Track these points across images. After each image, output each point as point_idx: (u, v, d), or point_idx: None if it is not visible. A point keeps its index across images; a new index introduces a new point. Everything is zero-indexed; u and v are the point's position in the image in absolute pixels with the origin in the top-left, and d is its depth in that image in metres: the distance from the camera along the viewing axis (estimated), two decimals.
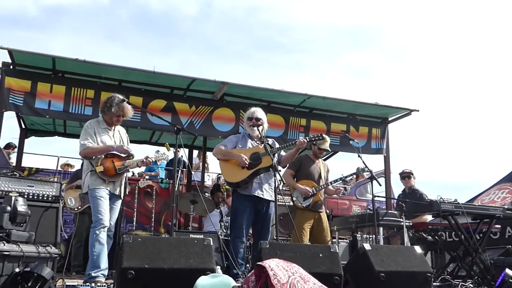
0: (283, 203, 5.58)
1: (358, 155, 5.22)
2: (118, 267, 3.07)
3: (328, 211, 5.87)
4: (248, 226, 4.62)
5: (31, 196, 4.38)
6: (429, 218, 6.49)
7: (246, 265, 4.79)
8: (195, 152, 9.47)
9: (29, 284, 3.33)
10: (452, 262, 5.99)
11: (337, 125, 7.26)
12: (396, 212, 6.03)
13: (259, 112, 4.82)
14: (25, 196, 4.23)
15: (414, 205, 6.36)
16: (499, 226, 6.20)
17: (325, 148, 5.40)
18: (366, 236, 6.57)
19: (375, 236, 5.40)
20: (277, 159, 4.77)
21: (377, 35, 30.58)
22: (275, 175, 4.31)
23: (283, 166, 5.14)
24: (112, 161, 4.19)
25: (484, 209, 5.69)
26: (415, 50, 31.28)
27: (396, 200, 7.19)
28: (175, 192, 4.13)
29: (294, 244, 4.26)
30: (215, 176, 9.73)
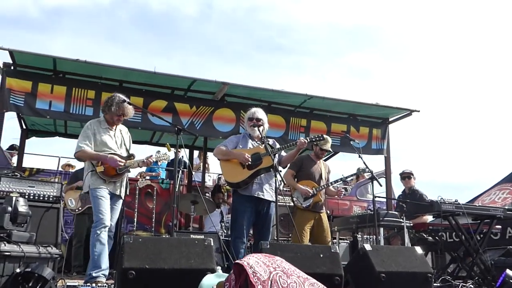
0: (284, 203, 5.59)
1: (359, 156, 5.22)
2: (119, 268, 3.07)
3: (328, 211, 5.87)
4: (249, 226, 4.62)
5: (32, 197, 4.39)
6: (430, 218, 6.49)
7: None
8: (196, 152, 9.48)
9: (30, 284, 3.34)
10: (452, 263, 5.99)
11: (338, 126, 7.27)
12: (396, 213, 6.03)
13: (259, 112, 4.82)
14: (26, 196, 4.23)
15: (415, 205, 6.36)
16: (500, 226, 6.20)
17: (327, 149, 5.41)
18: (366, 236, 6.56)
19: (375, 237, 5.40)
20: (278, 160, 4.77)
21: (377, 35, 30.56)
22: (276, 176, 4.32)
23: (284, 167, 5.14)
24: None
25: (485, 210, 5.68)
26: (415, 50, 31.27)
27: (396, 200, 7.19)
28: (176, 193, 4.14)
29: (295, 245, 4.26)
30: (216, 176, 9.73)
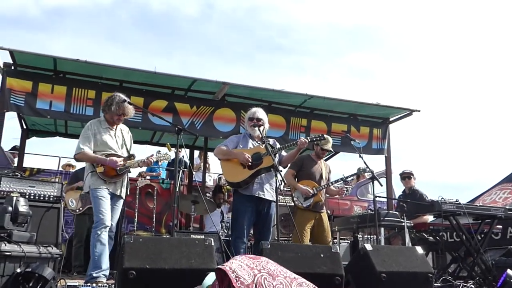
0: (284, 203, 5.58)
1: (359, 156, 5.22)
2: (119, 268, 3.07)
3: (329, 211, 5.87)
4: (249, 226, 4.62)
5: (32, 197, 4.39)
6: (430, 218, 6.49)
7: None
8: (196, 152, 9.48)
9: (30, 284, 3.34)
10: (453, 263, 5.98)
11: (338, 125, 7.27)
12: (397, 213, 6.02)
13: (260, 112, 4.82)
14: (26, 196, 4.24)
15: (415, 205, 6.36)
16: (501, 226, 6.20)
17: (328, 149, 5.40)
18: (367, 236, 6.56)
19: (376, 237, 5.39)
20: (278, 159, 4.76)
21: (377, 35, 30.56)
22: (277, 175, 4.31)
23: (284, 166, 5.13)
24: None
25: (486, 210, 5.67)
26: (416, 50, 31.28)
27: (397, 200, 7.19)
28: (176, 193, 4.13)
29: (295, 245, 4.25)
30: (217, 176, 9.73)
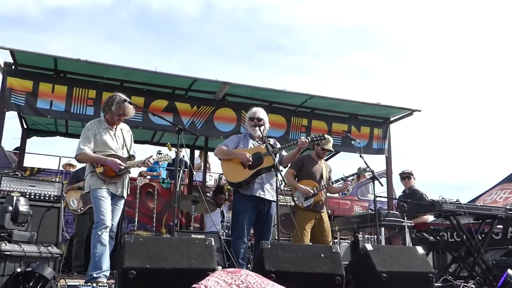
0: (285, 203, 5.57)
1: (360, 155, 5.22)
2: (120, 267, 3.07)
3: (329, 211, 5.86)
4: (250, 226, 4.62)
5: (32, 196, 4.39)
6: (430, 218, 6.48)
7: (248, 265, 4.78)
8: (197, 152, 9.48)
9: (31, 284, 3.34)
10: (454, 263, 5.98)
11: (339, 125, 7.26)
12: (397, 213, 6.02)
13: (260, 112, 4.81)
14: (27, 196, 4.24)
15: (416, 205, 6.35)
16: (501, 226, 6.19)
17: (329, 149, 5.40)
18: (367, 236, 6.55)
19: (376, 237, 5.39)
20: (279, 159, 4.76)
21: (377, 35, 30.56)
22: (277, 175, 4.31)
23: (285, 166, 5.13)
24: None
25: (486, 210, 5.67)
26: (416, 50, 31.26)
27: (397, 200, 7.18)
28: (177, 192, 4.13)
29: (296, 245, 4.25)
30: (217, 176, 9.73)
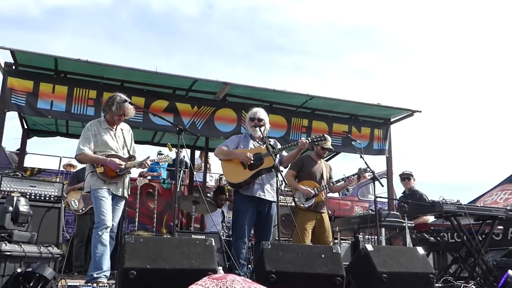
0: (285, 203, 5.57)
1: (360, 156, 5.21)
2: (120, 268, 3.06)
3: (329, 211, 5.86)
4: (250, 226, 4.62)
5: (33, 196, 4.39)
6: (431, 219, 6.47)
7: (248, 266, 4.78)
8: (197, 152, 9.47)
9: (31, 284, 3.34)
10: (454, 263, 5.97)
11: (339, 126, 7.26)
12: (398, 213, 6.01)
13: (261, 112, 4.81)
14: (27, 196, 4.24)
15: (416, 206, 6.35)
16: (502, 227, 6.18)
17: (328, 147, 5.38)
18: (368, 237, 6.55)
19: (377, 237, 5.39)
20: (279, 160, 4.76)
21: (377, 35, 30.59)
22: (277, 176, 4.30)
23: (285, 167, 5.12)
24: None
25: (487, 210, 5.66)
26: (416, 50, 31.27)
27: (398, 201, 7.18)
28: (177, 193, 4.13)
29: (296, 245, 4.25)
30: (217, 176, 9.73)
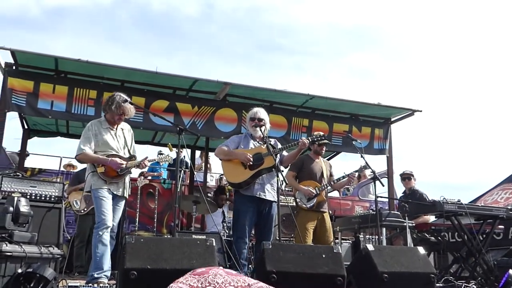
0: (286, 203, 5.57)
1: (361, 156, 5.20)
2: (121, 268, 3.06)
3: (330, 211, 5.86)
4: (251, 226, 4.61)
5: (33, 197, 4.39)
6: (431, 218, 6.47)
7: (249, 266, 4.78)
8: (198, 152, 9.47)
9: (32, 285, 3.34)
10: (455, 263, 5.97)
11: (340, 126, 7.25)
12: (398, 213, 6.01)
13: (261, 112, 4.81)
14: (27, 196, 4.23)
15: (417, 205, 6.35)
16: (502, 226, 6.18)
17: (324, 142, 5.22)
18: (368, 237, 6.54)
19: (378, 237, 5.38)
20: (279, 159, 4.75)
21: (377, 35, 30.57)
22: (278, 176, 4.30)
23: (285, 167, 5.11)
24: None
25: (487, 210, 5.65)
26: (417, 50, 31.25)
27: (398, 200, 7.17)
28: (178, 193, 4.12)
29: (297, 245, 4.25)
30: (218, 176, 9.73)
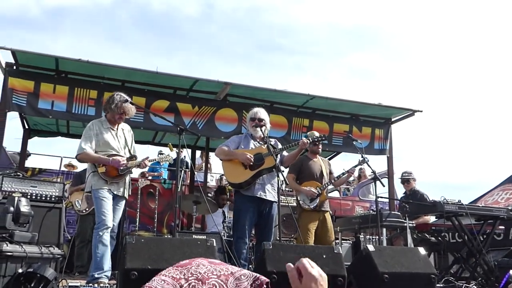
0: (286, 204, 5.56)
1: (361, 156, 5.20)
2: (121, 268, 3.06)
3: (331, 212, 5.86)
4: (251, 227, 4.61)
5: (34, 197, 4.39)
6: (432, 219, 6.47)
7: (249, 266, 4.77)
8: (198, 152, 9.47)
9: (32, 284, 3.34)
10: (455, 264, 5.96)
11: (340, 126, 7.25)
12: (399, 213, 6.01)
13: (262, 112, 4.80)
14: (28, 196, 4.23)
15: (417, 206, 6.35)
16: (503, 227, 6.18)
17: (318, 138, 5.09)
18: (369, 237, 6.54)
19: (378, 237, 5.38)
20: (280, 160, 4.75)
21: (378, 35, 30.57)
22: (278, 176, 4.30)
23: (286, 167, 5.11)
24: None
25: (488, 210, 5.65)
26: (417, 50, 31.25)
27: (399, 201, 7.17)
28: (178, 193, 4.12)
29: (297, 245, 4.25)
30: (218, 176, 9.73)
